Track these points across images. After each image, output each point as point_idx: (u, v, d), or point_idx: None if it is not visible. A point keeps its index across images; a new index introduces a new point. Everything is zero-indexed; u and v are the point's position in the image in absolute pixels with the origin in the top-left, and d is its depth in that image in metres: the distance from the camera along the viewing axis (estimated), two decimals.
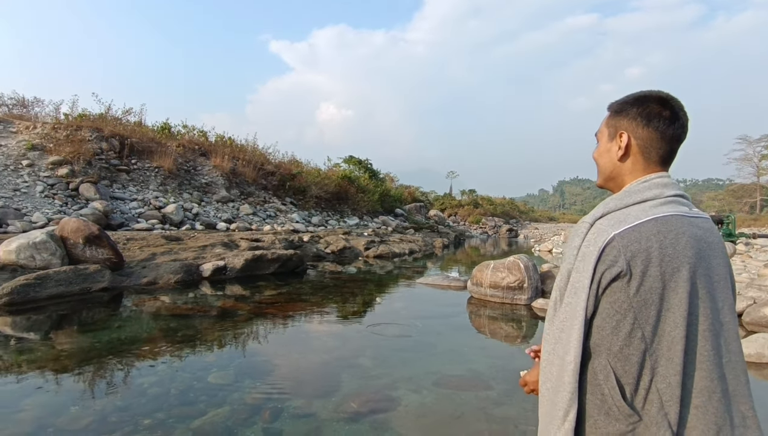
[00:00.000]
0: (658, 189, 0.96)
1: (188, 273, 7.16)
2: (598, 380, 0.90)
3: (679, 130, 0.99)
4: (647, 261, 0.87)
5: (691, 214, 0.95)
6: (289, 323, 5.21)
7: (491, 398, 3.24)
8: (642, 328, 0.88)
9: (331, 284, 7.99)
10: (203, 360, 3.82)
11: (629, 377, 0.88)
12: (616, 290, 0.89)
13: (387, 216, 22.00)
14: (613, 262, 0.88)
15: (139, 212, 11.00)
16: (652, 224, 0.90)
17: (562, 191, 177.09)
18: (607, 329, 0.90)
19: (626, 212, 0.94)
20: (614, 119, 1.05)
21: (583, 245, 0.94)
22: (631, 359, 0.88)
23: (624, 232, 0.89)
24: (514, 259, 6.84)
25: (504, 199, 50.66)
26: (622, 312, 0.89)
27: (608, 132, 1.06)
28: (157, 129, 15.84)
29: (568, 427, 0.90)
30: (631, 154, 1.01)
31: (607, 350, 0.90)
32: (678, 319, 0.87)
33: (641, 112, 1.00)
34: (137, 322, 4.93)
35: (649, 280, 0.87)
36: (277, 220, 14.52)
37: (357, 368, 3.79)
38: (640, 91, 1.04)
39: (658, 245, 0.87)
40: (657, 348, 0.87)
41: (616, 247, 0.89)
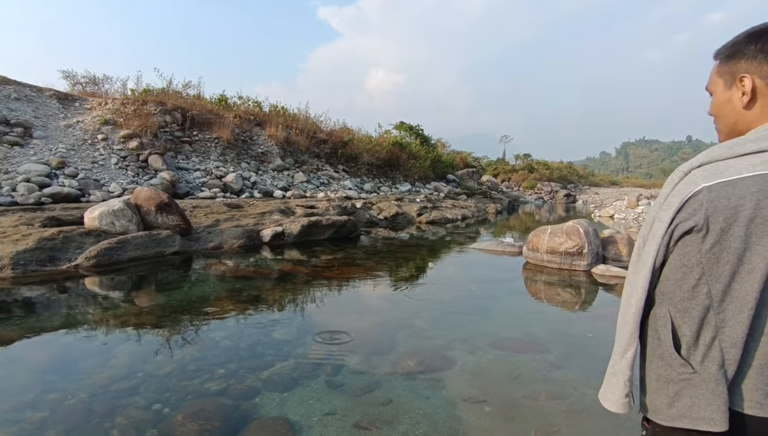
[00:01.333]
0: None
1: (249, 238, 7.53)
2: (658, 324, 0.93)
3: None
4: (732, 219, 0.82)
5: None
6: (344, 286, 5.39)
7: (549, 360, 3.22)
8: (709, 284, 0.85)
9: (385, 250, 8.12)
10: (268, 318, 4.06)
11: (687, 329, 0.88)
12: (688, 243, 0.87)
13: (439, 182, 21.76)
14: (692, 214, 0.85)
15: (203, 181, 11.60)
16: (753, 181, 0.81)
17: (626, 154, 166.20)
18: (673, 279, 0.90)
19: (729, 164, 0.85)
20: (728, 65, 0.96)
21: (671, 193, 0.90)
22: (691, 313, 0.88)
23: (716, 185, 0.83)
24: (574, 224, 6.59)
25: (561, 163, 48.36)
26: (689, 266, 0.87)
27: (723, 80, 0.96)
28: (215, 101, 16.41)
29: (626, 363, 0.94)
30: (759, 97, 0.90)
31: (669, 299, 0.91)
32: (756, 283, 0.82)
33: (762, 48, 0.89)
34: (206, 283, 5.29)
35: (729, 239, 0.83)
36: (330, 187, 14.80)
37: (412, 329, 3.88)
38: (750, 28, 0.94)
39: (752, 205, 0.81)
40: (726, 308, 0.85)
41: (700, 200, 0.84)
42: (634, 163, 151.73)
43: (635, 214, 17.14)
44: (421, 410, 2.49)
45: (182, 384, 2.72)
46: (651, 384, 0.94)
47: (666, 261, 0.92)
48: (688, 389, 0.88)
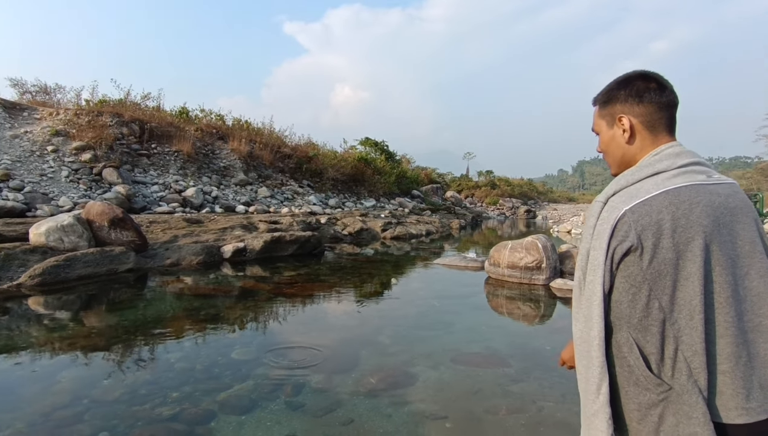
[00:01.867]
0: (670, 160, 0.96)
1: (209, 255, 7.32)
2: (623, 352, 0.93)
3: (671, 96, 1.02)
4: (659, 233, 0.88)
5: (710, 181, 0.95)
6: (308, 303, 5.31)
7: (509, 375, 3.27)
8: (658, 298, 0.89)
9: (349, 265, 8.08)
10: (226, 337, 3.93)
11: (652, 347, 0.90)
12: (629, 264, 0.91)
13: (403, 198, 21.96)
14: (624, 237, 0.90)
15: (161, 196, 11.22)
16: (663, 197, 0.91)
17: (582, 171, 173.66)
18: (625, 302, 0.92)
19: (638, 187, 0.95)
20: (606, 108, 1.09)
21: (598, 223, 0.96)
22: (651, 330, 0.90)
23: (635, 206, 0.91)
24: (533, 239, 6.79)
25: (522, 179, 49.92)
26: (636, 285, 0.91)
27: (605, 121, 1.09)
28: (176, 114, 16.00)
29: (603, 400, 0.93)
30: (636, 133, 1.03)
31: (627, 322, 0.92)
32: (695, 288, 0.87)
33: (630, 92, 1.03)
34: (162, 302, 5.08)
35: (662, 251, 0.88)
36: (295, 202, 14.65)
37: (376, 345, 3.86)
38: (618, 77, 1.08)
39: (670, 217, 0.89)
40: (678, 317, 0.88)
41: (627, 222, 0.90)
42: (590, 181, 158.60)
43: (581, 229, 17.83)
44: (383, 429, 2.47)
45: (132, 410, 2.58)
46: (632, 415, 0.92)
47: (613, 287, 0.94)
48: (669, 408, 0.88)
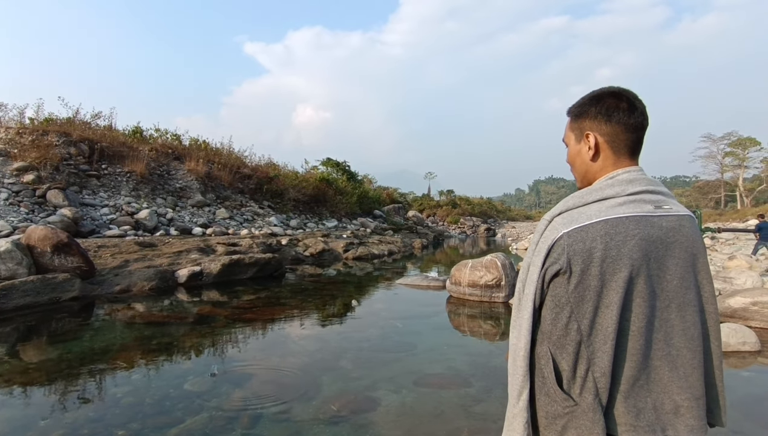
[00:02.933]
0: (621, 186, 0.98)
1: (163, 280, 7.00)
2: (540, 364, 0.97)
3: (640, 118, 1.02)
4: (588, 261, 0.92)
5: (656, 212, 0.97)
6: (267, 328, 5.16)
7: (471, 395, 3.28)
8: (578, 321, 0.93)
9: (311, 287, 7.94)
10: (179, 368, 3.74)
11: (566, 364, 0.95)
12: (557, 285, 0.95)
13: (366, 218, 21.98)
14: (557, 259, 0.95)
15: (111, 219, 10.70)
16: (601, 226, 0.93)
17: (538, 190, 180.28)
18: (548, 319, 0.97)
19: (581, 211, 0.97)
20: (576, 122, 1.09)
21: (540, 240, 1.00)
22: (567, 349, 0.94)
23: (572, 231, 0.94)
24: (492, 257, 6.94)
25: (482, 199, 51.22)
26: (560, 305, 0.95)
27: (574, 135, 1.10)
28: (129, 133, 15.43)
29: (522, 405, 0.98)
30: (600, 151, 1.04)
31: (548, 338, 0.97)
32: (613, 316, 0.92)
33: (600, 109, 1.03)
34: (110, 331, 4.79)
35: (588, 278, 0.92)
36: (255, 224, 14.34)
37: (337, 371, 3.78)
38: (593, 91, 1.08)
39: (602, 247, 0.92)
40: (594, 341, 0.93)
41: (562, 245, 0.94)
42: (545, 199, 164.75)
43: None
44: None
45: None
46: (541, 421, 0.97)
47: (543, 303, 0.99)
48: (572, 421, 0.92)
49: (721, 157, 51.68)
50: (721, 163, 52.14)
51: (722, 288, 6.47)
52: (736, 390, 3.46)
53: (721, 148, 51.29)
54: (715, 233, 17.89)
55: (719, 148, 51.46)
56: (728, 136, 50.32)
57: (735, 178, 51.07)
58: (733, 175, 51.53)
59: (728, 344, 4.32)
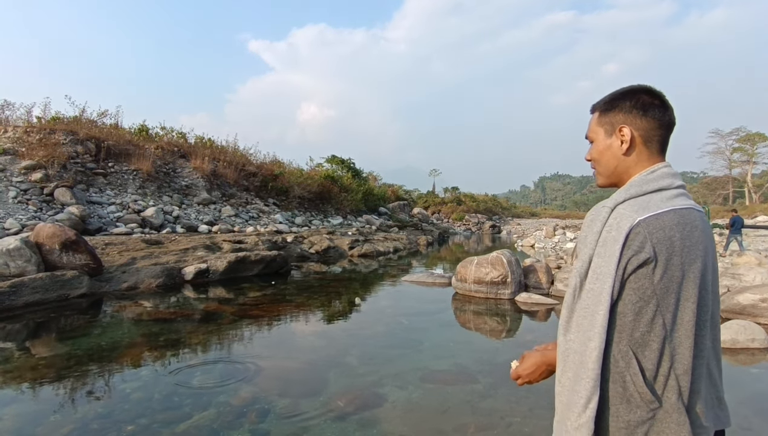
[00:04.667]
0: (669, 179, 0.96)
1: (170, 277, 7.05)
2: (620, 366, 0.89)
3: (672, 116, 1.01)
4: (671, 250, 0.88)
5: (697, 207, 0.98)
6: (274, 324, 5.18)
7: (477, 391, 3.28)
8: (663, 315, 0.88)
9: (316, 284, 7.96)
10: (187, 364, 3.77)
11: (649, 362, 0.88)
12: (641, 277, 0.88)
13: (371, 215, 22.00)
14: (640, 248, 0.88)
15: (118, 216, 10.77)
16: (672, 215, 0.91)
17: (543, 187, 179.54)
18: (630, 314, 0.89)
19: (648, 199, 0.93)
20: (607, 116, 1.05)
21: (605, 229, 0.92)
22: (651, 346, 0.88)
23: (648, 218, 0.89)
24: (497, 254, 6.92)
25: (486, 195, 51.09)
26: (645, 299, 0.88)
27: (604, 130, 1.06)
28: (135, 131, 15.53)
29: (590, 414, 0.88)
30: (635, 145, 1.01)
31: (628, 336, 0.89)
32: (692, 309, 0.89)
33: (635, 103, 1.01)
34: (118, 328, 4.83)
35: (672, 269, 0.88)
36: (260, 221, 14.39)
37: (343, 367, 3.79)
38: (624, 87, 1.05)
39: (680, 236, 0.89)
40: (675, 336, 0.88)
41: (641, 233, 0.88)
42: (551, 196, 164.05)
43: (552, 244, 18.42)
44: None
45: None
46: (618, 433, 0.89)
47: (619, 298, 0.90)
48: (654, 426, 0.87)
49: (730, 152, 51.15)
50: (729, 158, 51.61)
51: (731, 285, 6.42)
52: (744, 387, 3.44)
53: (730, 144, 50.77)
54: (723, 230, 17.75)
55: (727, 143, 50.94)
56: (736, 131, 49.79)
57: (743, 174, 50.56)
58: (742, 171, 51.02)
59: (737, 341, 4.29)
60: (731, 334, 4.34)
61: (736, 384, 3.51)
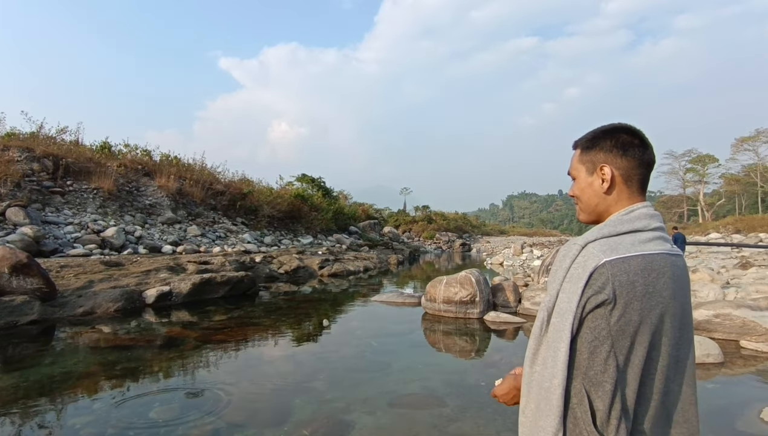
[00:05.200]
0: (645, 220, 0.97)
1: (130, 300, 6.76)
2: (572, 403, 0.90)
3: (652, 155, 1.04)
4: (631, 294, 0.89)
5: (672, 251, 0.98)
6: (239, 349, 5.02)
7: (445, 414, 3.26)
8: (617, 357, 0.89)
9: (285, 306, 7.81)
10: (145, 394, 3.59)
11: (601, 403, 0.89)
12: (597, 317, 0.89)
13: (341, 234, 21.89)
14: (601, 288, 0.89)
15: (76, 237, 10.30)
16: (640, 260, 0.91)
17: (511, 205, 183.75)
18: (585, 353, 0.90)
19: (618, 241, 0.94)
20: (588, 154, 1.07)
21: (573, 266, 0.94)
22: (604, 386, 0.89)
23: (614, 261, 0.90)
24: (466, 274, 6.99)
25: (457, 214, 51.82)
26: (600, 339, 0.89)
27: (585, 167, 1.07)
28: (96, 148, 15.02)
29: None
30: (615, 184, 1.03)
31: (582, 373, 0.90)
32: (643, 354, 0.90)
33: (615, 143, 1.03)
34: (71, 356, 4.57)
35: (630, 313, 0.89)
36: (228, 241, 14.07)
37: (311, 393, 3.70)
38: (604, 126, 1.08)
39: (642, 282, 0.90)
40: (626, 378, 0.90)
41: (605, 274, 0.89)
42: (518, 214, 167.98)
43: (521, 261, 18.79)
44: None
45: None
46: None
47: (577, 335, 0.91)
48: None
49: (683, 173, 54.01)
50: (682, 178, 54.46)
51: None
52: (701, 402, 3.54)
53: (683, 165, 53.63)
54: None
55: (681, 164, 53.80)
56: (689, 153, 52.71)
57: (696, 194, 53.37)
58: (695, 191, 53.86)
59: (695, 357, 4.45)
60: None
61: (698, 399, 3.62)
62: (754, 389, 3.95)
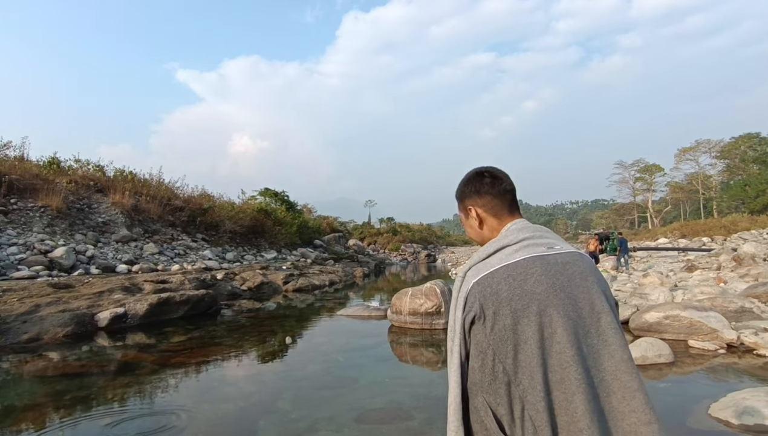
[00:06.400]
0: (514, 235, 1.11)
1: (80, 324, 6.39)
2: (480, 416, 0.98)
3: (503, 185, 1.19)
4: (498, 302, 0.99)
5: (550, 251, 1.06)
6: (200, 371, 4.84)
7: (412, 428, 3.26)
8: (502, 362, 0.96)
9: (248, 323, 7.61)
10: (98, 425, 3.39)
11: (502, 409, 0.96)
12: (476, 332, 1.00)
13: (306, 248, 21.63)
14: (471, 307, 1.01)
15: (20, 258, 9.68)
16: (503, 270, 1.03)
17: None
18: (476, 367, 1.00)
19: (486, 262, 1.08)
20: (462, 203, 1.26)
21: (458, 295, 1.08)
22: (499, 392, 0.96)
23: (480, 279, 1.03)
24: (431, 285, 7.06)
25: (421, 225, 52.29)
26: (483, 351, 0.99)
27: (463, 214, 1.27)
28: (44, 164, 14.24)
29: None
30: (483, 219, 1.20)
31: (480, 387, 0.99)
32: (533, 350, 0.95)
33: (472, 188, 1.22)
34: (14, 387, 4.27)
35: (501, 318, 0.98)
36: (187, 258, 13.60)
37: (275, 413, 3.61)
38: (466, 174, 1.26)
39: (507, 287, 1.00)
40: (521, 379, 0.95)
41: (474, 293, 1.02)
42: None
43: None
44: None
45: None
46: None
47: (468, 354, 1.03)
48: None
49: (633, 182, 56.97)
50: (632, 187, 57.41)
51: (639, 304, 7.01)
52: (655, 401, 3.71)
53: (632, 174, 56.60)
54: (631, 252, 19.48)
55: (630, 173, 56.77)
56: (637, 163, 55.73)
57: (645, 201, 56.35)
58: (644, 198, 56.87)
59: (646, 358, 4.66)
60: (641, 351, 4.71)
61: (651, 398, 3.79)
62: (702, 386, 4.17)
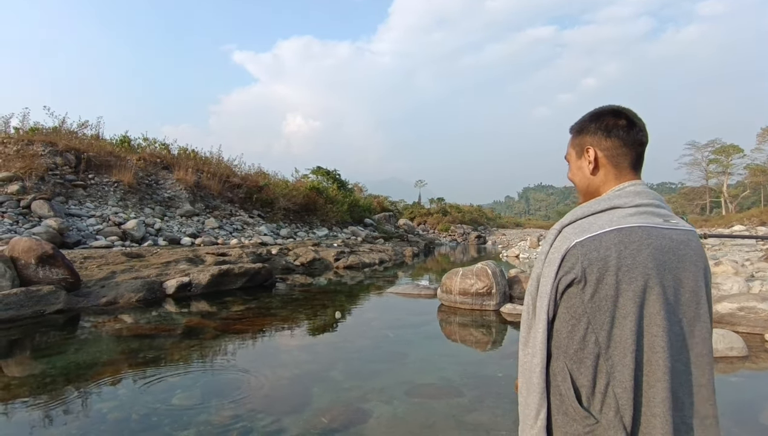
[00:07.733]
0: (629, 197, 0.98)
1: (151, 291, 6.90)
2: (557, 381, 0.94)
3: (639, 135, 1.04)
4: (604, 269, 0.90)
5: (666, 225, 0.96)
6: (257, 339, 5.10)
7: (462, 405, 3.27)
8: (596, 333, 0.90)
9: (301, 297, 7.89)
10: (167, 382, 3.68)
11: (584, 379, 0.91)
12: (571, 296, 0.93)
13: (356, 226, 21.95)
14: (570, 268, 0.92)
15: (98, 229, 10.55)
16: (614, 234, 0.92)
17: (527, 198, 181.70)
18: (564, 332, 0.94)
19: (592, 221, 0.97)
20: (578, 138, 1.11)
21: (551, 251, 0.99)
22: (585, 363, 0.91)
23: (585, 240, 0.93)
24: (482, 265, 6.96)
25: (472, 206, 51.39)
26: (576, 317, 0.92)
27: (575, 151, 1.12)
28: (116, 142, 15.30)
29: (540, 425, 0.94)
30: (600, 166, 1.06)
31: (564, 352, 0.94)
32: (631, 327, 0.89)
33: (600, 126, 1.06)
34: (96, 344, 4.70)
35: (604, 287, 0.90)
36: (245, 233, 14.24)
37: (328, 382, 3.74)
38: (594, 109, 1.11)
39: (616, 255, 0.90)
40: (613, 354, 0.90)
41: (575, 254, 0.93)
42: (534, 206, 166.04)
43: (536, 254, 18.62)
44: None
45: None
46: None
47: (556, 315, 0.96)
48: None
49: (706, 164, 52.57)
50: (705, 169, 53.02)
51: None
52: (725, 396, 3.48)
53: (706, 156, 52.18)
54: (701, 239, 18.12)
55: (704, 155, 52.35)
56: (712, 143, 51.24)
57: (719, 185, 51.97)
58: (718, 182, 52.44)
59: (716, 350, 4.36)
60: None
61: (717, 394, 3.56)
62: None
